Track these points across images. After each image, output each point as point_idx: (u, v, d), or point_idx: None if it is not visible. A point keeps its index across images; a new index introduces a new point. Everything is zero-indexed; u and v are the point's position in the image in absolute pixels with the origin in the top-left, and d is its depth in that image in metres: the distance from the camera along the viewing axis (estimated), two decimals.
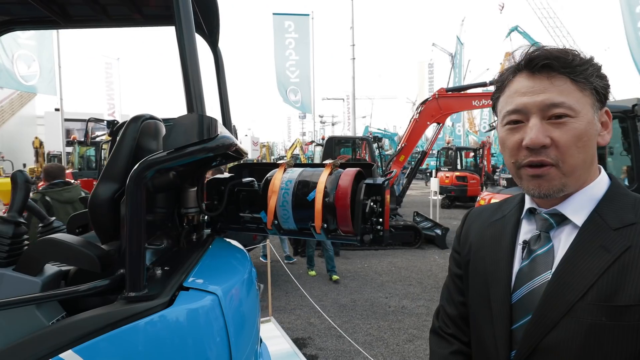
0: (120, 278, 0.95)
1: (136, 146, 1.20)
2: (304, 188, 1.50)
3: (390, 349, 3.55)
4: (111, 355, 0.86)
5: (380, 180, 1.53)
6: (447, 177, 13.07)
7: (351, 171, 1.53)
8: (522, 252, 0.79)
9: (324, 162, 1.60)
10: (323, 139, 11.92)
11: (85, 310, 0.92)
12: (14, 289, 0.93)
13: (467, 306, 0.90)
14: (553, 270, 0.73)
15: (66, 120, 14.40)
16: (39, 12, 1.56)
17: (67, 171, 10.67)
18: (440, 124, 7.65)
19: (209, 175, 1.77)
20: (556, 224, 0.76)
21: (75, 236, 1.11)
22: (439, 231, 7.68)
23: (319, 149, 14.97)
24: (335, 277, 5.47)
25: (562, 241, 0.74)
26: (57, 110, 15.33)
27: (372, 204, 1.47)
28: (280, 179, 1.55)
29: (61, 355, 0.84)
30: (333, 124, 53.44)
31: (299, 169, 1.60)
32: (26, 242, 1.08)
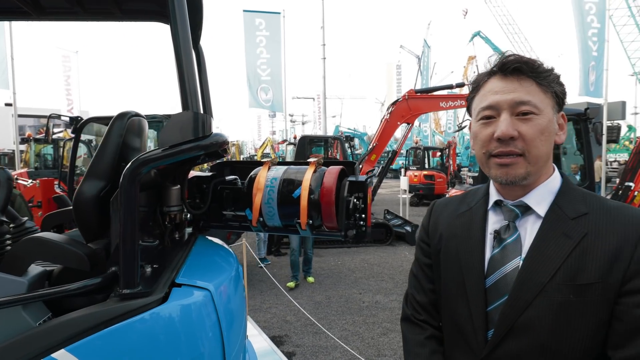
0: (112, 276, 0.94)
1: (122, 144, 1.18)
2: (289, 185, 1.54)
3: (365, 342, 3.64)
4: (107, 352, 0.86)
5: (362, 177, 1.59)
6: (415, 176, 13.48)
7: (335, 169, 1.58)
8: (493, 241, 0.86)
9: (308, 160, 1.64)
10: (295, 138, 11.92)
11: (69, 311, 0.91)
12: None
13: (437, 293, 0.96)
14: (523, 256, 0.81)
15: (19, 116, 13.47)
16: (9, 3, 1.49)
17: (22, 170, 10.00)
18: (410, 124, 7.88)
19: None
20: (521, 214, 0.84)
21: (59, 235, 1.08)
22: (408, 228, 7.92)
23: (290, 148, 14.95)
24: (310, 279, 5.47)
25: (528, 230, 0.83)
26: (8, 105, 14.28)
27: (355, 200, 1.53)
28: (265, 177, 1.57)
29: (53, 355, 0.83)
30: (303, 123, 53.42)
31: (284, 167, 1.63)
32: (8, 241, 1.04)
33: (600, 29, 11.13)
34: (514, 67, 0.79)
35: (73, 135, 5.01)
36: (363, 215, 1.52)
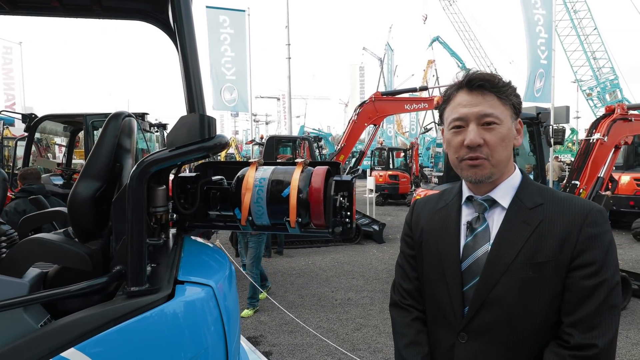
0: (118, 275, 0.95)
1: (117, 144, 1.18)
2: (278, 185, 1.59)
3: (340, 338, 3.74)
4: (117, 349, 0.87)
5: (348, 177, 1.68)
6: (380, 176, 13.85)
7: (322, 169, 1.65)
8: (466, 231, 1.00)
9: (295, 161, 1.70)
10: (262, 138, 11.84)
11: (66, 313, 0.91)
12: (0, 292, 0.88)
13: (420, 280, 1.09)
14: (491, 242, 0.95)
15: None
16: None
17: None
18: (377, 126, 8.12)
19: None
20: (489, 207, 0.99)
21: (56, 235, 1.07)
22: (376, 227, 8.15)
23: (256, 148, 14.80)
24: (263, 295, 4.66)
25: (495, 219, 0.98)
26: None
27: (341, 199, 1.61)
28: (254, 177, 1.62)
29: (63, 354, 0.83)
30: (267, 123, 52.94)
31: (271, 167, 1.68)
32: (4, 243, 1.01)
33: (548, 39, 12.03)
34: (478, 84, 0.93)
35: (21, 135, 4.72)
36: (349, 213, 1.61)
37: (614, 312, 0.86)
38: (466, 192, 1.03)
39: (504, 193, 0.97)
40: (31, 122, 4.88)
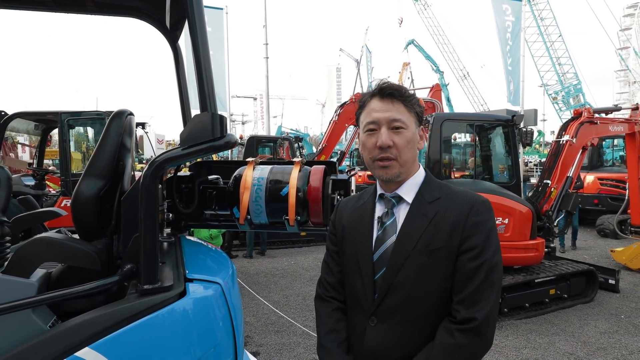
0: (129, 273, 0.95)
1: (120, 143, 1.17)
2: (276, 184, 1.61)
3: None
4: (132, 347, 0.87)
5: (344, 176, 1.72)
6: (360, 176, 14.00)
7: (319, 169, 1.68)
8: (378, 225, 1.11)
9: (292, 160, 1.72)
10: (241, 138, 11.73)
11: (71, 314, 0.90)
12: (8, 293, 0.86)
13: (342, 274, 1.18)
14: (397, 233, 1.07)
15: None
16: None
17: None
18: (357, 127, 8.22)
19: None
20: (396, 203, 1.10)
21: (61, 235, 1.05)
22: None
23: (235, 148, 14.63)
24: None
25: (401, 214, 1.09)
26: None
27: (338, 197, 1.64)
28: (252, 176, 1.63)
29: (77, 354, 0.83)
30: (243, 123, 52.31)
31: (268, 167, 1.70)
32: (7, 243, 0.99)
33: (517, 45, 12.54)
34: (388, 92, 1.06)
35: None
36: None
37: (492, 289, 0.99)
38: (379, 190, 1.15)
39: (409, 190, 1.09)
40: (0, 119, 4.64)
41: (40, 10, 1.56)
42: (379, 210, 1.13)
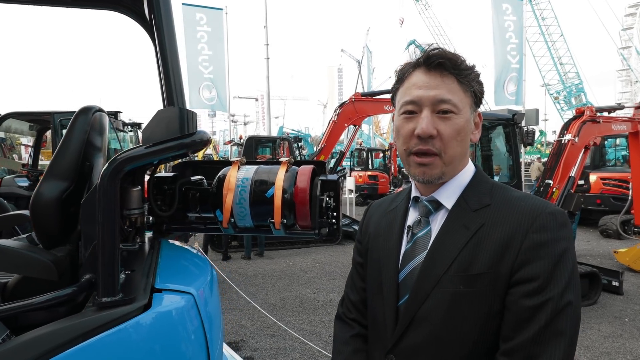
0: (87, 284, 0.87)
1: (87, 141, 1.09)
2: (261, 185, 1.52)
3: (323, 340, 3.69)
4: None
5: (334, 177, 1.63)
6: (360, 176, 13.93)
7: (307, 168, 1.59)
8: (407, 236, 0.87)
9: (279, 160, 1.64)
10: (241, 138, 11.66)
11: (27, 327, 0.82)
12: None
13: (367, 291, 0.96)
14: (427, 250, 0.82)
15: None
16: None
17: None
18: (357, 126, 8.13)
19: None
20: (434, 210, 0.85)
21: (16, 242, 0.96)
22: (356, 227, 8.16)
23: (235, 149, 14.57)
24: None
25: (437, 223, 0.84)
26: None
27: (327, 199, 1.56)
28: (236, 177, 1.54)
29: None
30: (245, 124, 52.34)
31: (254, 167, 1.61)
32: None
33: (519, 44, 12.47)
34: (438, 62, 0.79)
35: None
36: (335, 214, 1.55)
37: (558, 340, 0.68)
38: (414, 192, 0.90)
39: (450, 193, 0.83)
40: None
41: (19, 2, 1.48)
42: (412, 217, 0.89)
